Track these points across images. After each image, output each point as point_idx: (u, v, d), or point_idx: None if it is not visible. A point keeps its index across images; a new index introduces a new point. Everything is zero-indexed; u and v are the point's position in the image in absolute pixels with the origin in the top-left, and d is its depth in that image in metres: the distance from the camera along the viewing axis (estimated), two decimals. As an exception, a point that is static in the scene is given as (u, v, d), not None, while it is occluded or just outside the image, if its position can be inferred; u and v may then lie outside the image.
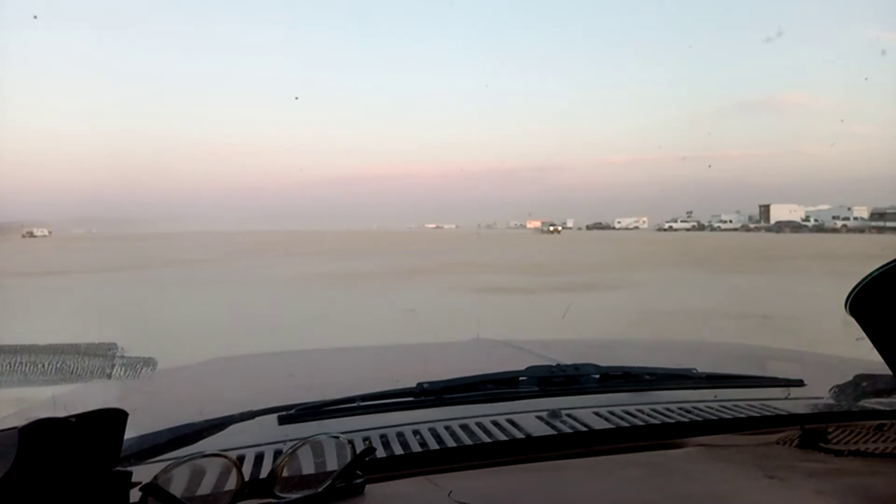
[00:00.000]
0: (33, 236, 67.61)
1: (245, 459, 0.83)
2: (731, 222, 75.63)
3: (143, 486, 0.60)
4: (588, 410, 1.03)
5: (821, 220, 60.48)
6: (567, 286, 12.79)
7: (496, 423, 0.97)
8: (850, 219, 57.95)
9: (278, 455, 0.76)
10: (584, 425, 0.96)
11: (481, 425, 0.96)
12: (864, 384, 1.06)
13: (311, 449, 0.73)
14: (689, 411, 1.03)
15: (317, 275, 16.05)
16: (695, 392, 1.14)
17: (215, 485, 0.67)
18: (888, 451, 0.86)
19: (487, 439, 0.91)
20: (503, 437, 0.92)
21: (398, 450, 0.88)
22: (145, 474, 0.62)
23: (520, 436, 0.92)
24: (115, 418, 0.59)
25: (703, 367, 1.18)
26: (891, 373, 0.86)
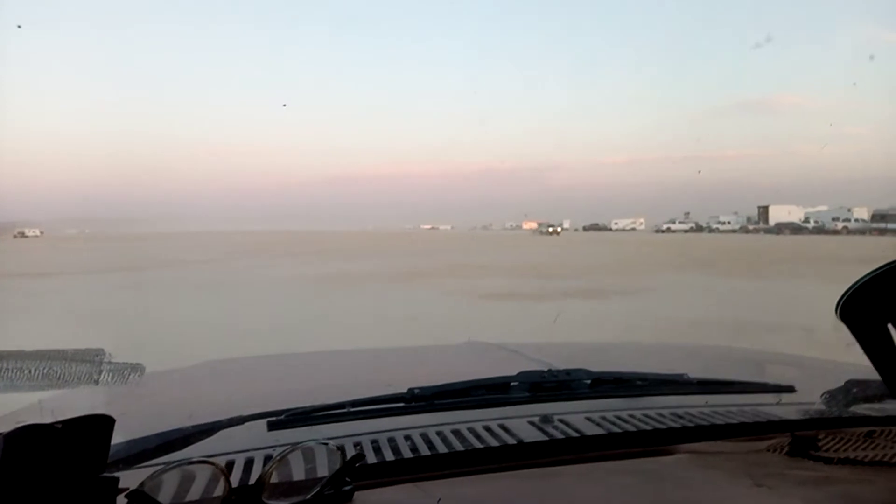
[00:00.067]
0: (25, 237, 68.38)
1: (234, 465, 0.82)
2: (730, 224, 75.84)
3: (129, 493, 0.60)
4: (580, 416, 1.02)
5: (821, 221, 60.47)
6: (576, 291, 12.08)
7: (488, 429, 0.97)
8: (851, 220, 57.89)
9: (268, 461, 0.74)
10: (577, 431, 0.96)
11: (473, 431, 0.96)
12: (854, 390, 1.07)
13: (301, 455, 0.73)
14: (680, 416, 1.03)
15: (312, 278, 15.44)
16: (686, 398, 1.14)
17: (202, 491, 0.67)
18: (878, 458, 0.87)
19: (479, 445, 0.91)
20: (495, 443, 0.91)
21: (389, 455, 0.87)
22: (133, 480, 0.62)
23: (512, 441, 0.92)
24: (102, 424, 0.59)
25: (695, 372, 1.18)
26: (881, 378, 0.87)
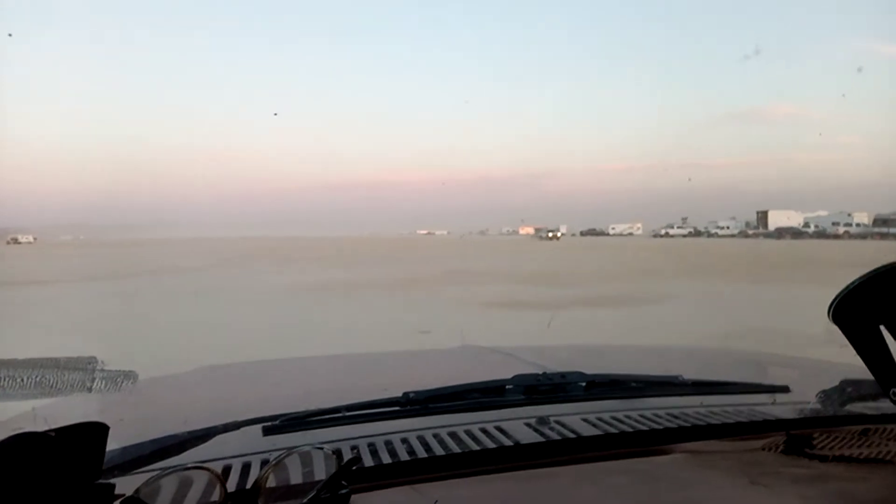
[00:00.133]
0: (18, 243, 67.57)
1: (230, 471, 0.82)
2: (728, 228, 75.30)
3: (125, 500, 0.59)
4: (576, 418, 1.02)
5: (821, 226, 59.92)
6: (592, 300, 11.23)
7: (485, 431, 0.97)
8: (852, 225, 57.33)
9: (264, 466, 0.74)
10: (573, 432, 0.96)
11: (470, 433, 0.96)
12: (849, 389, 1.07)
13: (297, 459, 0.73)
14: (675, 417, 1.03)
15: (309, 286, 14.59)
16: (681, 399, 1.13)
17: (198, 497, 0.67)
18: (873, 456, 0.87)
19: (476, 447, 0.91)
20: (491, 445, 0.91)
21: (386, 459, 0.87)
22: (129, 487, 0.61)
23: (508, 443, 0.92)
24: (96, 432, 0.58)
25: (690, 374, 1.17)
26: (875, 379, 0.87)
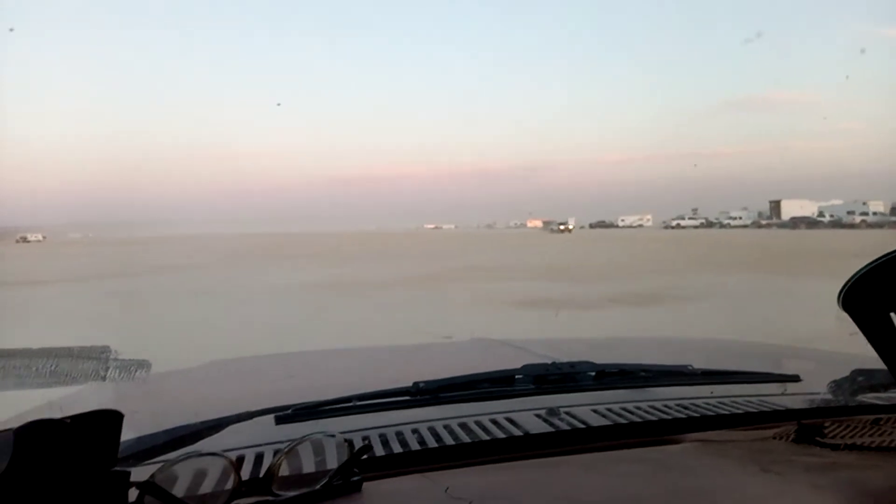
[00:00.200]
0: (27, 241, 67.88)
1: (243, 460, 0.83)
2: (741, 219, 74.12)
3: (141, 485, 0.60)
4: (586, 408, 1.02)
5: (836, 215, 58.81)
6: (626, 297, 10.46)
7: (495, 422, 0.97)
8: (869, 214, 56.17)
9: (276, 454, 0.74)
10: (582, 422, 0.96)
11: (480, 424, 0.96)
12: (860, 379, 1.06)
13: (309, 447, 0.73)
14: (685, 407, 1.03)
15: (318, 284, 13.74)
16: (691, 388, 1.13)
17: (212, 483, 0.68)
18: (885, 444, 0.86)
19: (486, 437, 0.91)
20: (501, 435, 0.91)
21: (397, 448, 0.87)
22: (143, 476, 0.62)
23: (518, 433, 0.92)
24: (111, 419, 0.59)
25: (699, 364, 1.16)
26: (886, 366, 0.87)
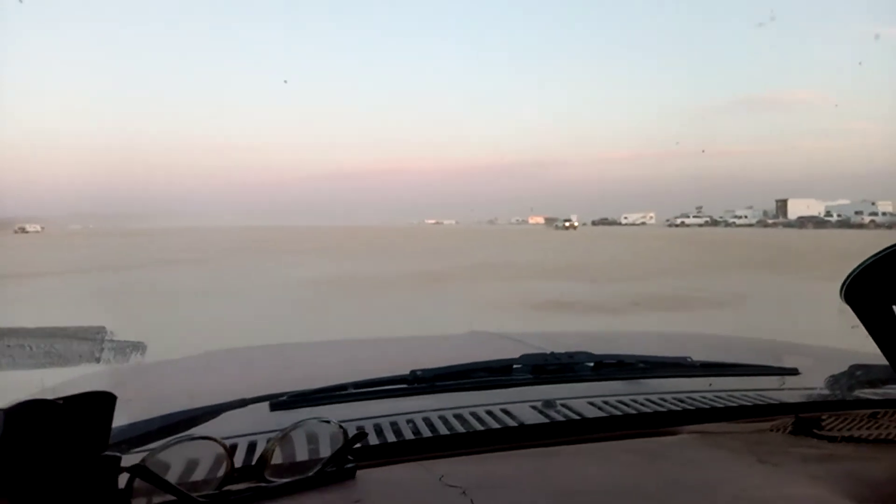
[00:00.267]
0: (25, 232, 67.21)
1: (237, 446, 0.83)
2: (746, 217, 73.41)
3: (131, 468, 0.60)
4: (583, 400, 1.02)
5: (844, 215, 58.14)
6: (651, 300, 9.73)
7: (490, 413, 0.97)
8: (878, 214, 55.47)
9: (269, 441, 0.74)
10: (578, 414, 0.96)
11: (475, 414, 0.96)
12: (858, 373, 1.06)
13: (303, 434, 0.73)
14: (683, 400, 1.03)
15: (318, 281, 13.00)
16: (689, 381, 1.13)
17: (205, 469, 0.67)
18: (882, 437, 0.86)
19: (481, 427, 0.91)
20: (496, 426, 0.91)
21: (391, 437, 0.87)
22: (135, 461, 0.61)
23: (513, 424, 0.92)
24: (104, 401, 0.58)
25: (699, 357, 1.17)
26: (886, 362, 0.86)
